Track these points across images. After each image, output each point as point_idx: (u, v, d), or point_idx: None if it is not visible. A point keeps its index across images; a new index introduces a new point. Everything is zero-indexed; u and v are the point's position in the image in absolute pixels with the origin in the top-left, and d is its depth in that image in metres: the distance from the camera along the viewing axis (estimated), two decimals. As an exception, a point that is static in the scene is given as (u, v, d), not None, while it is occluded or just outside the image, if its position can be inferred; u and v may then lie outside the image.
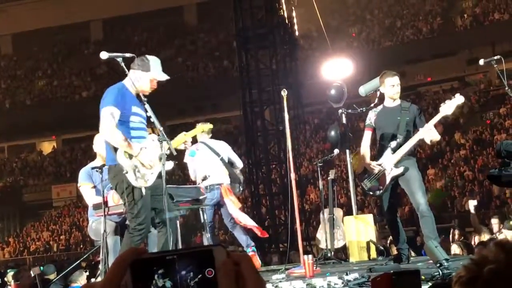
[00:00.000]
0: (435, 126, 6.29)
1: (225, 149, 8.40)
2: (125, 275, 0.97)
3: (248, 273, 0.97)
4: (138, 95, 5.44)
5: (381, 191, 6.52)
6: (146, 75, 5.37)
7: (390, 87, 6.53)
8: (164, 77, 5.45)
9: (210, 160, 8.18)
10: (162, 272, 0.98)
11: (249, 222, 8.02)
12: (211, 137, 8.46)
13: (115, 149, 5.21)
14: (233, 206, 7.90)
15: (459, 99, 6.28)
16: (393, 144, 6.36)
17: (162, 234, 5.51)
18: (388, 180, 6.41)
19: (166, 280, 0.98)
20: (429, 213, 6.18)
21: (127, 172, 5.14)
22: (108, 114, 5.15)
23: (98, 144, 6.78)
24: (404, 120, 6.40)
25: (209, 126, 6.64)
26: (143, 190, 5.21)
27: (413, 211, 18.12)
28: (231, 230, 8.24)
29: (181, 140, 5.77)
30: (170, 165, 5.54)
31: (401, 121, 6.40)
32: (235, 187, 8.24)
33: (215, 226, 9.92)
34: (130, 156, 5.16)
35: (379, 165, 6.46)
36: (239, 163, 8.46)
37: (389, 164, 6.39)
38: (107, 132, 5.17)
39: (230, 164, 8.32)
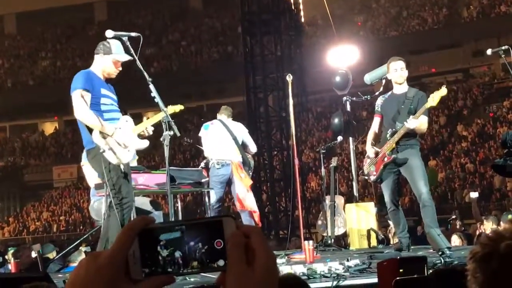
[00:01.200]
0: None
1: (241, 131, 8.38)
2: (133, 244, 0.95)
3: (258, 245, 0.94)
4: (108, 80, 5.62)
5: (375, 177, 6.53)
6: (108, 57, 5.54)
7: (394, 71, 6.55)
8: (126, 57, 5.54)
9: (223, 137, 8.17)
10: (164, 243, 0.96)
11: (252, 206, 8.00)
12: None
13: (91, 131, 5.35)
14: (241, 185, 7.88)
15: (443, 90, 6.28)
16: (391, 131, 6.37)
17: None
18: (381, 167, 6.42)
19: (171, 251, 0.96)
20: (430, 202, 6.17)
21: (104, 151, 5.27)
22: (79, 97, 5.31)
23: None
24: (407, 109, 6.37)
25: (180, 107, 6.63)
26: (122, 167, 5.31)
27: (413, 201, 18.17)
28: (240, 213, 8.17)
29: (143, 125, 5.77)
30: (145, 143, 5.60)
31: (403, 110, 6.37)
32: (247, 171, 8.22)
33: (222, 211, 9.73)
34: (106, 136, 5.30)
35: (376, 151, 6.48)
36: (252, 148, 8.44)
37: (384, 151, 6.39)
38: (81, 113, 5.32)
39: (243, 147, 8.30)
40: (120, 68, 5.62)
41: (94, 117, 5.29)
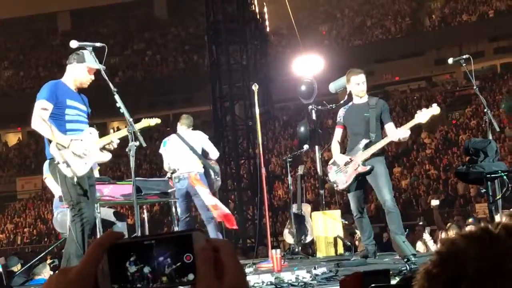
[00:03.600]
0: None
1: (199, 139, 8.32)
2: (102, 260, 0.95)
3: (227, 259, 0.95)
4: (79, 90, 5.63)
5: (345, 185, 6.56)
6: (82, 66, 5.55)
7: (355, 85, 6.59)
8: (99, 65, 5.52)
9: (180, 150, 8.14)
10: (134, 259, 0.96)
11: (224, 209, 7.92)
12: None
13: (50, 142, 5.36)
14: (205, 193, 7.79)
15: (435, 109, 6.36)
16: (365, 141, 6.40)
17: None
18: (353, 176, 6.46)
19: (140, 266, 0.96)
20: (395, 209, 6.24)
21: (58, 163, 5.28)
22: (39, 107, 5.34)
23: None
24: (374, 118, 6.45)
25: (156, 121, 6.56)
26: (75, 179, 5.29)
27: (379, 208, 18.31)
28: (206, 224, 8.11)
29: (108, 138, 5.75)
30: (107, 156, 5.58)
31: (370, 119, 6.44)
32: (210, 176, 8.17)
33: (192, 221, 9.66)
34: (61, 148, 5.30)
35: (348, 160, 6.51)
36: (212, 154, 8.36)
37: (357, 160, 6.43)
38: (35, 124, 5.34)
39: (204, 155, 8.27)
40: (93, 77, 5.61)
41: (48, 128, 5.29)
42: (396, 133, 6.28)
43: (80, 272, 0.94)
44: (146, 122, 6.34)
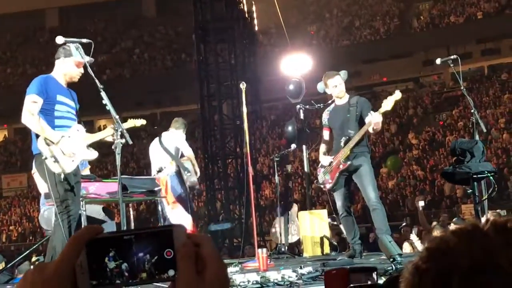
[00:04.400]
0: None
1: (174, 140, 8.48)
2: (80, 255, 0.93)
3: (208, 255, 0.93)
4: (69, 84, 5.60)
5: (331, 184, 6.58)
6: (69, 60, 5.53)
7: (333, 87, 6.66)
8: (87, 58, 5.50)
9: (156, 152, 8.40)
10: (113, 255, 0.94)
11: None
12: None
13: (38, 137, 5.32)
14: (166, 205, 7.95)
15: (397, 95, 6.45)
16: (344, 139, 6.46)
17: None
18: (337, 173, 6.48)
19: (119, 262, 0.94)
20: (379, 207, 6.26)
21: (46, 158, 5.25)
22: (29, 102, 5.31)
23: None
24: (354, 116, 6.49)
25: (142, 122, 6.62)
26: (62, 176, 5.27)
27: (365, 208, 18.35)
28: None
29: (95, 136, 5.77)
30: (94, 154, 5.58)
31: (351, 117, 6.49)
32: (184, 174, 8.27)
33: None
34: (49, 143, 5.28)
35: (331, 160, 6.54)
36: (186, 152, 8.50)
37: (339, 158, 6.46)
38: (26, 118, 5.32)
39: (178, 154, 8.41)
40: (82, 70, 5.57)
41: (38, 123, 5.26)
42: (370, 118, 6.27)
43: (57, 268, 0.91)
44: (132, 123, 6.38)
